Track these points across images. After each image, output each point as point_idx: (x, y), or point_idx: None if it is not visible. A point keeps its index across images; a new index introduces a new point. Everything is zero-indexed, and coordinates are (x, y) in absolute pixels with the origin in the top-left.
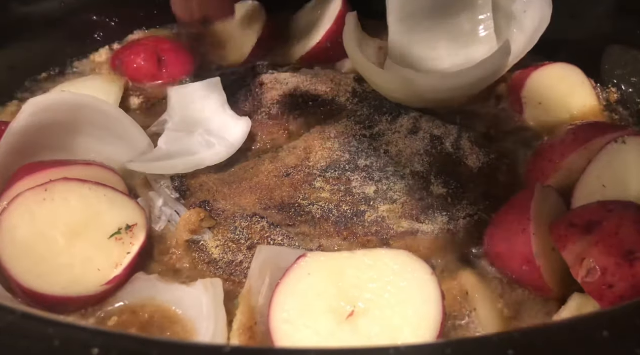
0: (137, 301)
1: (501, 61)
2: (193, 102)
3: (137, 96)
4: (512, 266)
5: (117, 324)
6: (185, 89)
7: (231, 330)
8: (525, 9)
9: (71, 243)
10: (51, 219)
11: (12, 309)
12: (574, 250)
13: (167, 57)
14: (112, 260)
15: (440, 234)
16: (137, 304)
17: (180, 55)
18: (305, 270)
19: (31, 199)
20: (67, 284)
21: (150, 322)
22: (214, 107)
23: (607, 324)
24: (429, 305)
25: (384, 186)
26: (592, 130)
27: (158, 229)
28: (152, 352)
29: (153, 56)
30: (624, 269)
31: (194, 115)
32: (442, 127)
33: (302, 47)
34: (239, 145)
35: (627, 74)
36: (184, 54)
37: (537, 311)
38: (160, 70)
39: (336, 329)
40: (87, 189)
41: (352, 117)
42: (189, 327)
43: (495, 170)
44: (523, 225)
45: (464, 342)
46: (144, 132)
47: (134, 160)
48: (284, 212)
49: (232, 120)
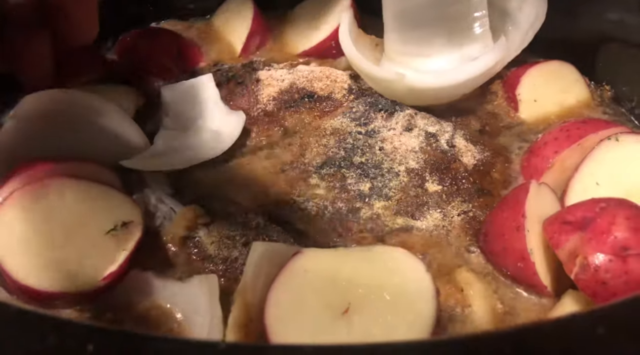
0: (133, 297)
1: (496, 58)
2: (186, 99)
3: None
4: (506, 263)
5: (112, 319)
6: (179, 87)
7: (226, 326)
8: (521, 6)
9: (67, 240)
10: (46, 215)
11: (7, 305)
12: (567, 247)
13: (182, 51)
14: (108, 257)
15: (435, 230)
16: (132, 300)
17: (194, 49)
18: (301, 267)
19: (27, 196)
20: (63, 280)
21: (145, 317)
22: (208, 103)
23: (602, 320)
24: (424, 301)
25: (379, 183)
26: (585, 127)
27: (153, 225)
28: (148, 349)
29: (170, 47)
30: (617, 266)
31: (188, 112)
32: (437, 124)
33: (302, 43)
34: (234, 139)
35: (622, 71)
36: (197, 48)
37: (531, 307)
38: (174, 63)
39: (331, 325)
40: (82, 185)
41: (347, 113)
42: (184, 323)
43: (489, 167)
44: (517, 222)
45: (458, 338)
46: (140, 130)
47: (130, 158)
48: (279, 209)
49: (226, 115)
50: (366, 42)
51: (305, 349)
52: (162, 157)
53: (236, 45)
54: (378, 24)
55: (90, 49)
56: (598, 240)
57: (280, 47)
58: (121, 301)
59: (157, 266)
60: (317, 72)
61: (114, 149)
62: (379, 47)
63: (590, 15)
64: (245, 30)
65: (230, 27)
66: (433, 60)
